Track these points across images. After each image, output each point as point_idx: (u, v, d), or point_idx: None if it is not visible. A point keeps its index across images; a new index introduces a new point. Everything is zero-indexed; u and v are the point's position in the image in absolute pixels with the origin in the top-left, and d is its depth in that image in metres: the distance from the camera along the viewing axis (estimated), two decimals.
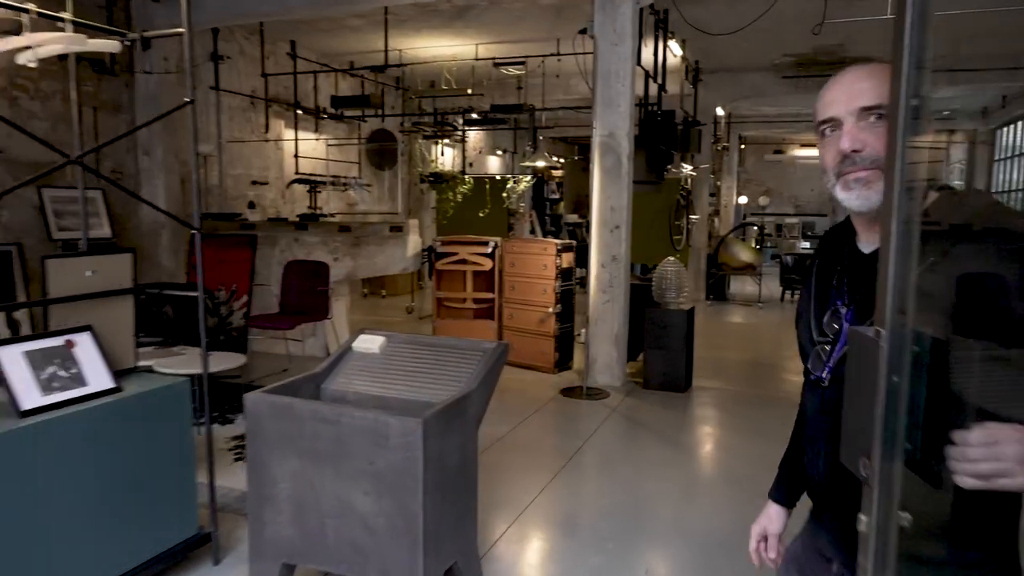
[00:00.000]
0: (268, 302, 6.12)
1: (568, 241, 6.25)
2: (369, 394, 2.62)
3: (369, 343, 2.81)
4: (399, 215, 12.02)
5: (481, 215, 9.58)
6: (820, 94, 1.22)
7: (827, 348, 1.22)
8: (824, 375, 1.22)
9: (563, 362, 6.20)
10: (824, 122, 1.19)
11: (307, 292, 5.65)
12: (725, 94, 10.96)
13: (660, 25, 7.22)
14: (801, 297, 1.35)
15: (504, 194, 9.53)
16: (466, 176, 9.67)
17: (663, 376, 5.56)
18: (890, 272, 0.67)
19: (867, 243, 1.22)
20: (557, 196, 19.57)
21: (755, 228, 13.45)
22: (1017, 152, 13.01)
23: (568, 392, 5.49)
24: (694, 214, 10.13)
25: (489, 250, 6.32)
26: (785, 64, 10.41)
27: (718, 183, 16.36)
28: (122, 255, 2.80)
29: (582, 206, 18.68)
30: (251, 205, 8.43)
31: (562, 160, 18.16)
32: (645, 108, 7.00)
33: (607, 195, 5.59)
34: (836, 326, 1.21)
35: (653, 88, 7.53)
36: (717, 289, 11.25)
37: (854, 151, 1.13)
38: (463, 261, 6.34)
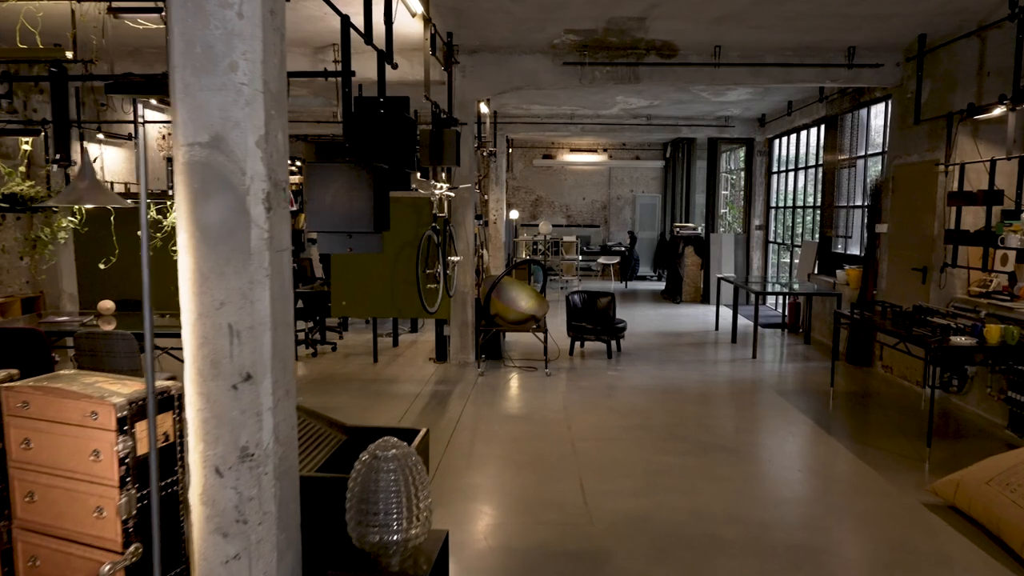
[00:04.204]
0: None
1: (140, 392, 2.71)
2: None
3: None
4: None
5: (102, 266, 5.68)
6: None
7: None
8: None
9: None
10: None
11: None
12: (489, 83, 8.05)
13: None
14: None
15: (159, 234, 5.70)
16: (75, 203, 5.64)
17: None
18: None
19: None
20: (295, 208, 15.64)
21: (539, 267, 10.79)
22: (799, 165, 11.78)
23: None
24: (454, 255, 7.08)
25: None
26: (567, 46, 7.73)
27: (485, 196, 13.63)
28: None
29: None
30: None
31: (299, 164, 14.36)
32: (347, 92, 3.70)
33: (215, 297, 2.20)
34: None
35: (369, 60, 4.30)
36: (491, 346, 8.33)
37: None
38: None
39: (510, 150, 15.94)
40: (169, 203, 5.64)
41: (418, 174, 6.91)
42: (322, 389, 7.04)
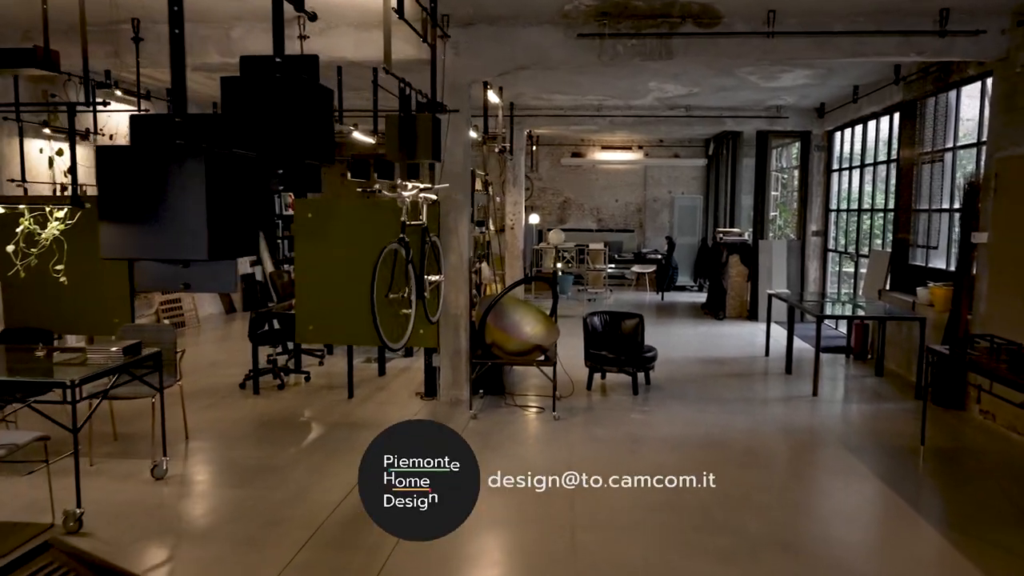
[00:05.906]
0: None
1: None
2: None
3: None
4: None
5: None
6: None
7: None
8: None
9: None
10: None
11: None
12: (487, 62, 6.63)
13: None
14: None
15: (35, 249, 4.45)
16: None
17: None
18: None
19: None
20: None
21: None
22: (867, 161, 10.09)
23: None
24: (436, 272, 5.69)
25: None
26: (582, 13, 6.27)
27: (498, 198, 12.24)
28: None
29: None
30: None
31: None
32: (177, 34, 2.33)
33: None
34: None
35: (343, 36, 2.93)
36: (491, 378, 6.92)
37: None
38: None
39: (534, 148, 14.52)
40: (49, 210, 4.37)
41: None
42: (270, 437, 5.71)
